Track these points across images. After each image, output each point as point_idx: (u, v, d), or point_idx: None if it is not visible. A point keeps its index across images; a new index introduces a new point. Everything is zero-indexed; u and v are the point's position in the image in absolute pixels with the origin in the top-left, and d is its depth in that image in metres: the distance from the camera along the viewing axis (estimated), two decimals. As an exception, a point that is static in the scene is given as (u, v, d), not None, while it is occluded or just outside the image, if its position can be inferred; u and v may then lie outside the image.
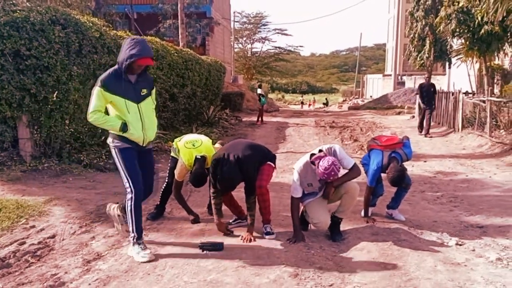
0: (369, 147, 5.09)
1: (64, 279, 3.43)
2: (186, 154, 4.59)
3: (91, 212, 5.09)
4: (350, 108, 30.79)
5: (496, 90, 15.12)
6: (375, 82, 44.92)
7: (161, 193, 5.02)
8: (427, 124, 13.26)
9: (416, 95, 15.73)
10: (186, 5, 22.00)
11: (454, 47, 16.75)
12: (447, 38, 15.93)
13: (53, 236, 4.31)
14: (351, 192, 4.26)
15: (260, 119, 17.67)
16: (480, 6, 11.50)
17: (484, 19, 11.65)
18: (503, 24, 11.92)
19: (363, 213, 5.05)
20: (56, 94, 6.90)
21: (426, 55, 18.31)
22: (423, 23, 18.25)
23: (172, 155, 4.96)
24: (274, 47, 53.69)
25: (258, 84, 19.43)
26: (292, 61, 71.00)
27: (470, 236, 4.47)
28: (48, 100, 6.90)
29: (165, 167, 5.97)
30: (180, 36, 19.03)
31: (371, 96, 39.81)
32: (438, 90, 14.81)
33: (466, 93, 14.07)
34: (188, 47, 18.15)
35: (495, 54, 14.58)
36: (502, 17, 10.44)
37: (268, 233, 4.37)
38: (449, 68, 20.61)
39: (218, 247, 3.98)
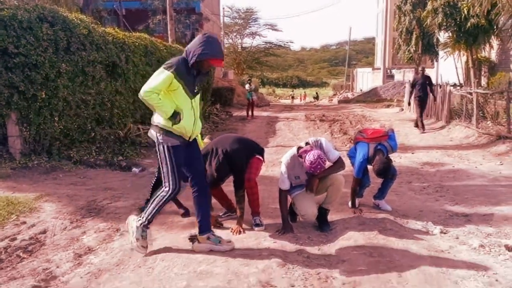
0: (355, 139, 5.19)
1: (56, 273, 3.47)
2: (175, 148, 4.63)
3: (81, 208, 5.13)
4: (340, 102, 30.91)
5: (483, 82, 15.29)
6: (364, 76, 45.04)
7: (151, 187, 5.06)
8: (420, 121, 12.44)
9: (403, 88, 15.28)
10: (176, 1, 21.95)
11: (441, 41, 16.91)
12: (434, 31, 16.08)
13: (44, 232, 4.35)
14: (336, 184, 4.35)
15: (250, 113, 17.70)
16: (466, 0, 11.64)
17: (470, 12, 11.81)
18: (488, 17, 12.07)
19: (350, 204, 5.15)
20: (44, 92, 6.91)
21: (414, 48, 18.46)
22: (411, 17, 18.40)
23: (162, 150, 4.99)
24: (264, 42, 53.65)
25: (248, 79, 19.42)
26: (282, 55, 70.91)
27: (454, 224, 4.57)
28: (37, 98, 6.91)
29: (155, 162, 6.01)
30: (169, 32, 18.98)
31: (361, 90, 39.91)
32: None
33: (453, 85, 14.22)
34: (178, 43, 18.12)
35: (482, 47, 14.76)
36: (487, 10, 10.59)
37: (257, 225, 4.44)
38: (436, 61, 20.79)
39: None
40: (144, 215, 3.84)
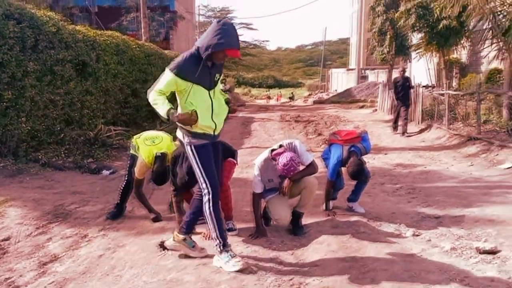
0: (329, 141, 5.18)
1: (19, 282, 3.34)
2: (146, 151, 4.53)
3: (48, 212, 4.96)
4: (315, 102, 31.07)
5: (454, 83, 15.59)
6: (339, 76, 45.49)
7: (120, 191, 4.93)
8: (404, 123, 12.05)
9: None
10: (149, -2, 21.68)
11: (414, 42, 17.17)
12: (407, 32, 16.31)
13: (7, 239, 4.18)
14: (309, 187, 4.30)
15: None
16: (438, 1, 11.83)
17: (442, 14, 12.00)
18: (460, 19, 12.30)
19: (324, 206, 5.12)
20: (11, 91, 6.67)
21: (387, 49, 18.69)
22: (384, 17, 18.62)
23: (131, 152, 4.88)
24: (240, 41, 53.56)
25: (223, 79, 19.27)
26: (258, 55, 71.00)
27: (426, 226, 4.59)
28: (3, 98, 6.67)
29: (126, 164, 5.87)
30: (142, 30, 18.72)
31: (336, 90, 40.29)
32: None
33: (426, 86, 14.43)
34: (152, 41, 17.89)
35: (453, 48, 15.06)
36: (458, 12, 10.78)
37: (230, 229, 4.36)
38: (409, 62, 21.12)
39: None
40: (215, 241, 3.56)
